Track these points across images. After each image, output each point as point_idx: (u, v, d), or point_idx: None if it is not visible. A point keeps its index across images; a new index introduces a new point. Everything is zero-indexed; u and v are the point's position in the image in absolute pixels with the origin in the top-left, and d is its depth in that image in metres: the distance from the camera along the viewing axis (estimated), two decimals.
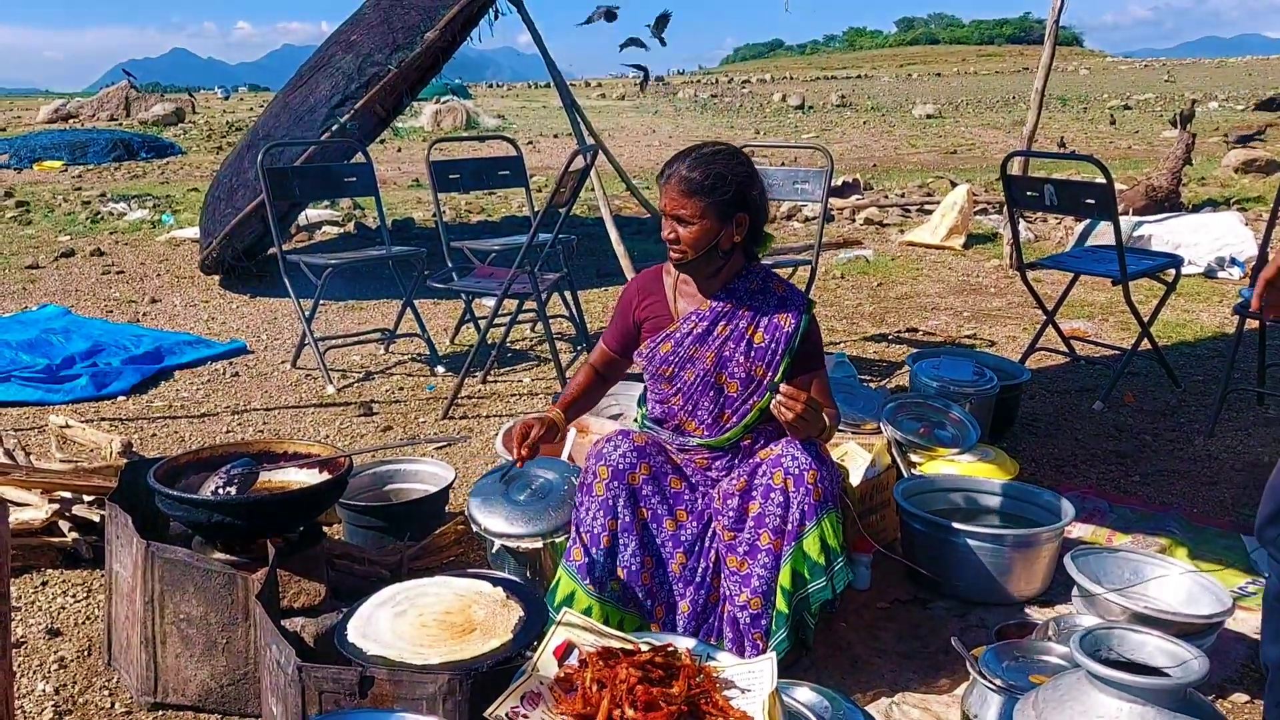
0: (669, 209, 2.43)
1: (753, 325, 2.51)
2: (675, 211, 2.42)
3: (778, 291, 2.57)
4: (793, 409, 2.25)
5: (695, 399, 2.53)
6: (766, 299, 2.55)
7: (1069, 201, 4.60)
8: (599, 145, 6.28)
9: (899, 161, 15.84)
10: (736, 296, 2.54)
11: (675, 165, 2.45)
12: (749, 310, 2.53)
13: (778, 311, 2.53)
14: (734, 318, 2.52)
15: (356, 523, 3.22)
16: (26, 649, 2.68)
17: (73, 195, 11.93)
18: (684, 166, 2.43)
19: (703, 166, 2.41)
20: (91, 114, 24.18)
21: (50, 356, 5.12)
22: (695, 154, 2.45)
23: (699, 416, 2.53)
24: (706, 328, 2.52)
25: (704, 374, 2.51)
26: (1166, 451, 4.04)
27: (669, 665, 1.86)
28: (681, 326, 2.54)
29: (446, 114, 22.87)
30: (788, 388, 2.28)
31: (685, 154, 2.47)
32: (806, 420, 2.27)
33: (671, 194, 2.42)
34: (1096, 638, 1.95)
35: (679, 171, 2.43)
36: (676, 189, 2.42)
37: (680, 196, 2.41)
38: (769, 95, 38.97)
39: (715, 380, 2.51)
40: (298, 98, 6.74)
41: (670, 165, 2.47)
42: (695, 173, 2.41)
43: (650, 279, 2.66)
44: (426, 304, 6.33)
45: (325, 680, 1.93)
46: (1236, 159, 12.27)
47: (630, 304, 2.65)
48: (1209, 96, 29.87)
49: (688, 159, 2.44)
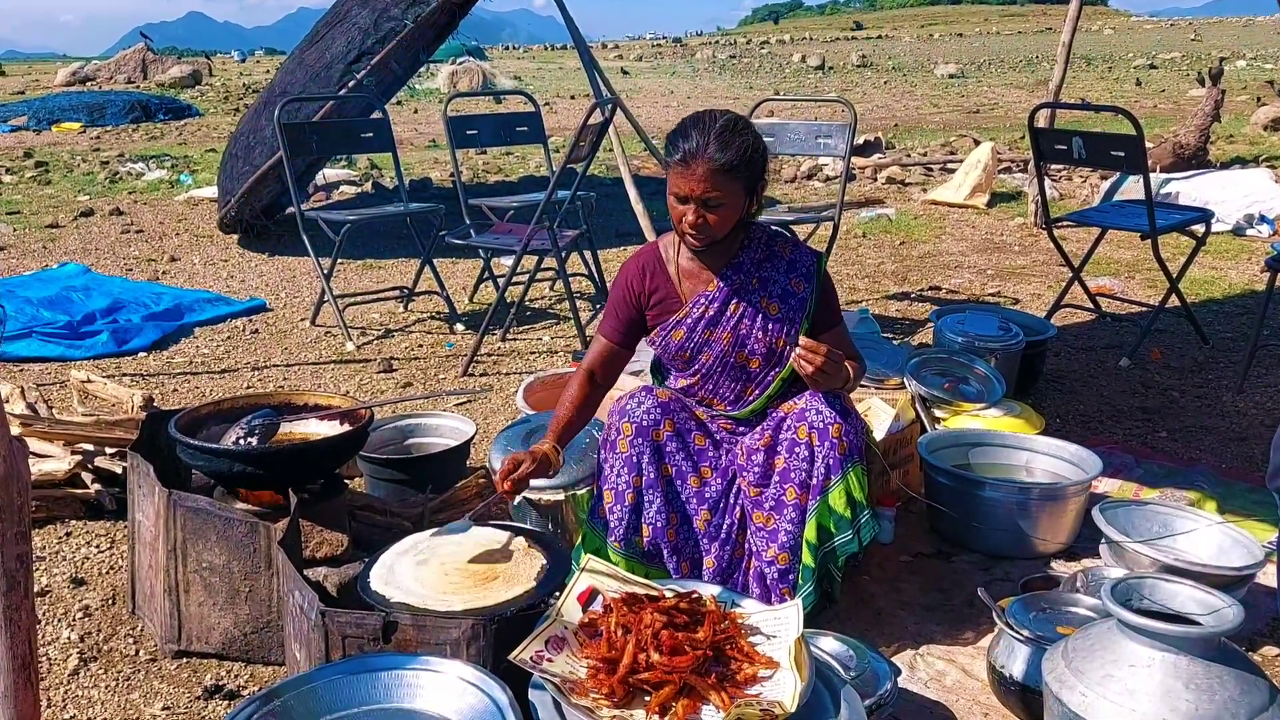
0: (695, 194, 2.23)
1: (765, 297, 2.40)
2: (705, 195, 2.23)
3: (784, 255, 2.44)
4: (813, 362, 2.21)
5: (716, 379, 2.47)
6: (775, 265, 2.43)
7: (1097, 154, 4.51)
8: (617, 101, 6.20)
9: (921, 121, 15.65)
10: (744, 270, 2.41)
11: (696, 144, 2.22)
12: (759, 282, 2.41)
13: (789, 277, 2.42)
14: (745, 293, 2.40)
15: (378, 475, 3.21)
16: (51, 598, 2.69)
17: (91, 156, 11.94)
18: (711, 146, 2.21)
19: (733, 143, 2.23)
20: (109, 77, 24.11)
21: (71, 313, 5.13)
22: (714, 130, 2.24)
23: (721, 394, 2.48)
24: (718, 309, 2.41)
25: (722, 355, 2.43)
26: (1194, 408, 3.99)
27: (694, 611, 1.84)
28: (692, 311, 2.42)
29: (463, 75, 22.70)
30: (806, 340, 2.23)
31: (699, 130, 2.24)
32: (828, 373, 2.23)
33: (698, 178, 2.22)
34: (1128, 587, 1.92)
35: (707, 153, 2.21)
36: (707, 171, 2.21)
37: (712, 178, 2.21)
38: (788, 56, 38.50)
39: (735, 359, 2.43)
40: (314, 54, 6.68)
41: (685, 144, 2.24)
42: (728, 152, 2.21)
43: (650, 260, 2.48)
44: (445, 263, 6.30)
45: (349, 625, 1.92)
46: (1265, 116, 12.05)
47: (631, 291, 2.47)
48: (1236, 55, 29.31)
49: (710, 136, 2.22)
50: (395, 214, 5.41)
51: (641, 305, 2.48)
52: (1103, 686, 1.81)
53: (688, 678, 1.70)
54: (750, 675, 1.76)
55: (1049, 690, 1.89)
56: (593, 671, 1.73)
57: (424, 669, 1.81)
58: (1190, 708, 1.73)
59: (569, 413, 2.43)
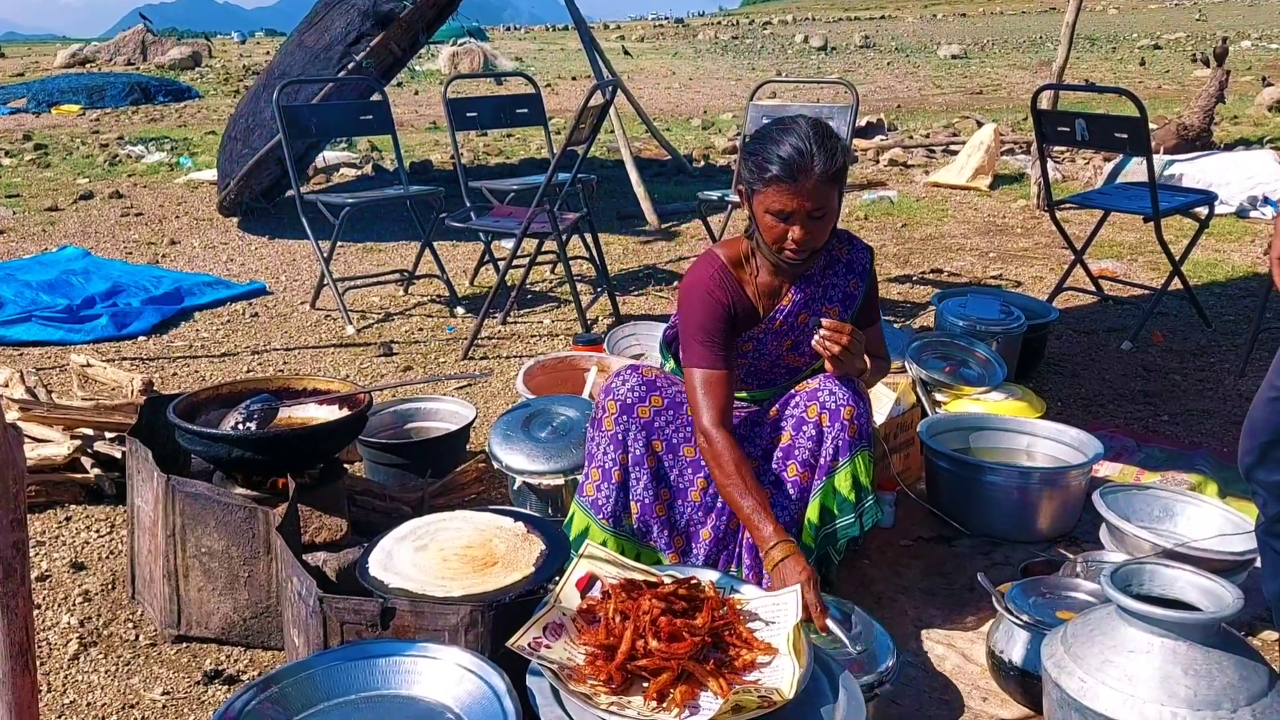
0: (805, 208, 2.13)
1: (827, 304, 2.38)
2: (816, 208, 2.14)
3: (842, 256, 2.40)
4: (838, 341, 2.19)
5: (760, 374, 2.46)
6: (836, 271, 2.39)
7: (1101, 136, 4.48)
8: (618, 83, 6.17)
9: (923, 102, 15.57)
10: (814, 281, 2.36)
11: (803, 155, 2.10)
12: (823, 290, 2.38)
13: (848, 279, 2.40)
14: (813, 302, 2.37)
15: (377, 460, 3.21)
16: (51, 582, 2.70)
17: (90, 138, 11.90)
18: (819, 155, 2.10)
19: (835, 148, 2.14)
20: (108, 58, 24.00)
21: (70, 297, 5.12)
22: (814, 138, 2.12)
23: (755, 383, 2.48)
24: (791, 321, 2.38)
25: (776, 357, 2.42)
26: (1196, 391, 3.98)
27: (692, 597, 1.84)
28: (768, 326, 2.36)
29: (463, 56, 22.61)
30: (830, 321, 2.21)
31: (798, 139, 2.12)
32: (852, 353, 2.22)
33: (810, 191, 2.11)
34: (1128, 572, 1.92)
35: (816, 163, 2.10)
36: (818, 184, 2.11)
37: (822, 188, 2.12)
38: (790, 37, 38.30)
39: (785, 361, 2.43)
40: (313, 35, 6.65)
41: (788, 156, 2.11)
42: (835, 159, 2.12)
43: (727, 279, 2.32)
44: (445, 246, 6.28)
45: (347, 611, 1.92)
46: (1270, 97, 11.99)
47: (722, 308, 2.29)
48: (1241, 35, 29.12)
49: (814, 145, 2.11)
50: (395, 197, 5.38)
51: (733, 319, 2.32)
52: (1102, 672, 1.81)
53: (686, 664, 1.70)
54: (749, 662, 1.75)
55: (1048, 675, 1.89)
56: (590, 658, 1.73)
57: (422, 655, 1.81)
58: (1189, 693, 1.73)
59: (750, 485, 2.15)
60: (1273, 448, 1.86)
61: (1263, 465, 1.89)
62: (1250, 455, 1.91)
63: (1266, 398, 1.88)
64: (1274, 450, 1.86)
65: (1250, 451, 1.91)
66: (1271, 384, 1.87)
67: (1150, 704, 1.73)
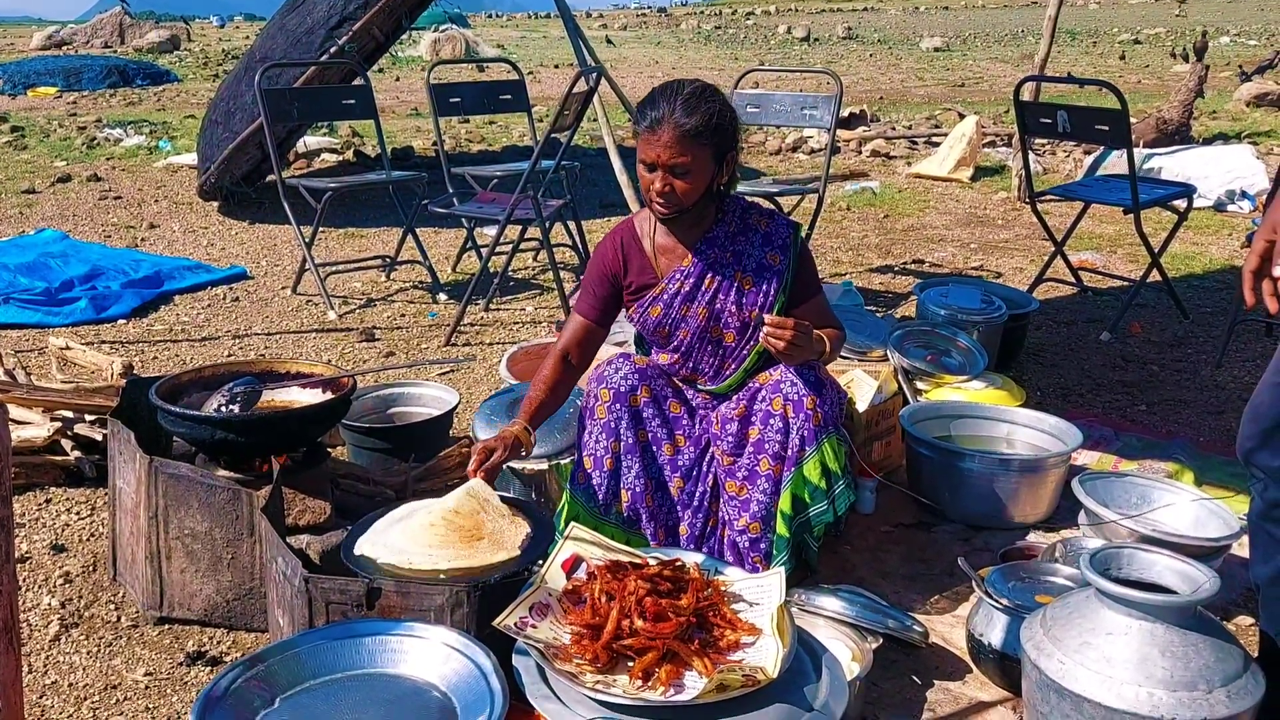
0: (662, 160, 2.22)
1: (740, 270, 2.40)
2: (671, 162, 2.22)
3: (760, 228, 2.43)
4: (782, 337, 2.19)
5: (694, 355, 2.47)
6: (750, 239, 2.42)
7: (1082, 128, 4.52)
8: (602, 71, 6.16)
9: (906, 94, 15.61)
10: (718, 244, 2.40)
11: (662, 111, 2.22)
12: (733, 256, 2.40)
13: (764, 250, 2.41)
14: (719, 267, 2.39)
15: (361, 444, 3.21)
16: (32, 564, 2.68)
17: (68, 121, 11.77)
18: (677, 112, 2.21)
19: (699, 108, 2.22)
20: (85, 40, 23.75)
21: (49, 280, 5.07)
22: (680, 96, 2.23)
23: (700, 369, 2.49)
24: (694, 285, 2.40)
25: (699, 330, 2.42)
26: (1174, 381, 4.02)
27: (677, 579, 1.85)
28: (668, 287, 2.41)
29: (445, 43, 22.45)
30: (771, 318, 2.22)
31: (666, 97, 2.25)
32: (799, 345, 2.22)
33: (665, 144, 2.21)
34: (1106, 556, 1.94)
35: (673, 118, 2.21)
36: (673, 138, 2.20)
37: (677, 144, 2.21)
38: (774, 27, 38.27)
39: (711, 334, 2.43)
40: (295, 19, 6.59)
41: (653, 111, 2.24)
42: (694, 117, 2.21)
43: (626, 237, 2.47)
44: (428, 232, 6.26)
45: (332, 591, 1.93)
46: (1248, 92, 12.08)
47: (607, 267, 2.46)
48: (1221, 31, 29.33)
49: (676, 102, 2.22)
50: (377, 182, 5.36)
51: (619, 282, 2.47)
52: (1080, 654, 1.83)
53: (671, 644, 1.71)
54: (733, 642, 1.77)
55: (1027, 658, 1.91)
56: (576, 638, 1.74)
57: (408, 634, 1.82)
58: (1166, 675, 1.75)
59: (542, 393, 2.41)
60: (1278, 432, 1.84)
61: (1264, 449, 1.87)
62: (1252, 440, 1.89)
63: (1272, 382, 1.86)
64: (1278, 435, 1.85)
65: (1252, 436, 1.89)
66: (1278, 369, 1.85)
67: (1128, 685, 1.76)
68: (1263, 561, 1.95)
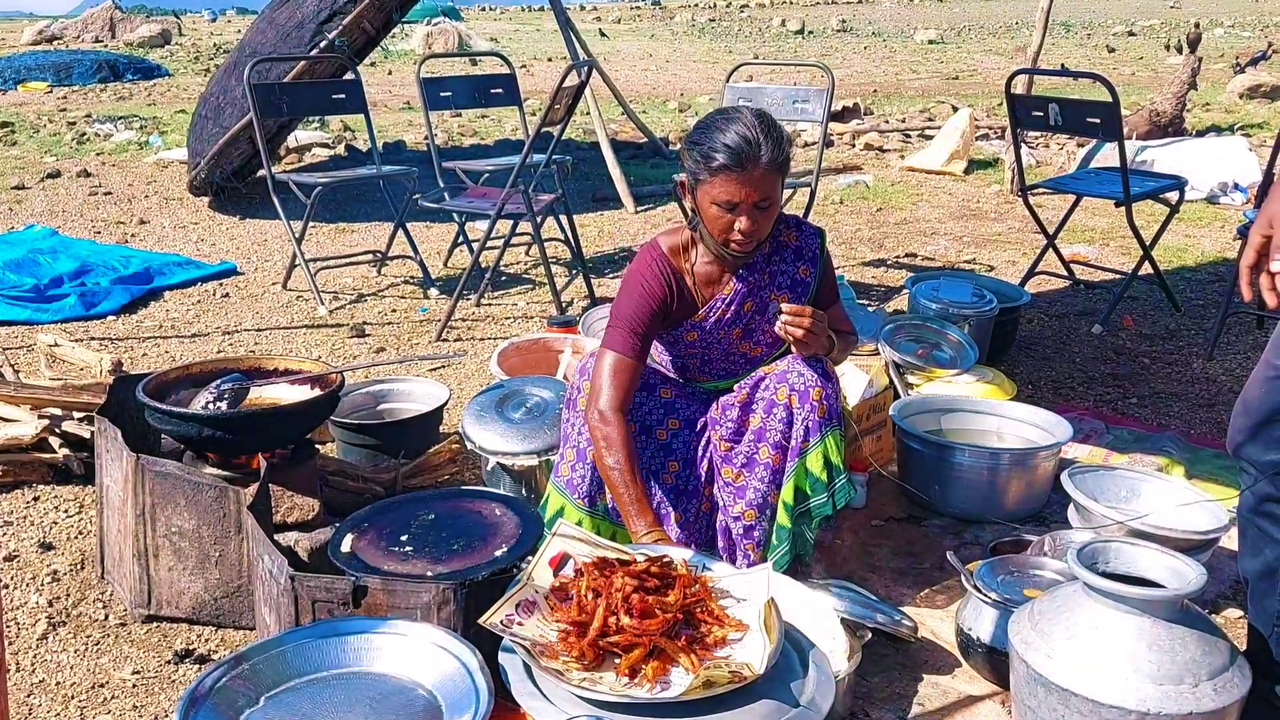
0: (754, 199, 2.12)
1: (775, 290, 2.36)
2: (764, 198, 2.13)
3: (790, 242, 2.39)
4: (800, 324, 2.19)
5: (714, 363, 2.45)
6: (783, 256, 2.38)
7: (1074, 121, 4.51)
8: (594, 64, 6.14)
9: (900, 87, 15.59)
10: (758, 269, 2.35)
11: (750, 145, 2.10)
12: (769, 277, 2.36)
13: (796, 266, 2.38)
14: (758, 290, 2.35)
15: (350, 441, 3.20)
16: (19, 562, 2.67)
17: (58, 116, 11.72)
18: (765, 145, 2.10)
19: (779, 138, 2.13)
20: (76, 35, 23.64)
21: (38, 276, 5.05)
22: (759, 128, 2.12)
23: (712, 372, 2.48)
24: (735, 311, 2.36)
25: (729, 348, 2.41)
26: (1165, 374, 4.03)
27: (664, 575, 1.85)
28: (709, 316, 2.35)
29: (437, 36, 22.40)
30: (790, 305, 2.22)
31: (743, 128, 2.12)
32: (815, 334, 2.22)
33: (756, 182, 2.11)
34: (1094, 550, 1.94)
35: (768, 154, 2.10)
36: (764, 174, 2.11)
37: (768, 178, 2.12)
38: (768, 20, 38.21)
39: (739, 350, 2.42)
40: (285, 13, 6.56)
41: (734, 145, 2.10)
42: (781, 148, 2.12)
43: (667, 268, 2.32)
44: (419, 227, 6.23)
45: (318, 590, 1.92)
46: (1242, 84, 12.09)
47: (657, 302, 2.30)
48: (1215, 23, 29.34)
49: (760, 134, 2.11)
50: (368, 177, 5.34)
51: (668, 313, 2.35)
52: (1067, 648, 1.83)
53: (658, 640, 1.71)
54: (720, 638, 1.76)
55: (1015, 652, 1.91)
56: (563, 635, 1.74)
57: (394, 633, 1.81)
58: (1153, 668, 1.75)
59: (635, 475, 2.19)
60: (1269, 426, 1.84)
61: (1254, 442, 1.86)
62: (1242, 433, 1.88)
63: (1264, 376, 1.85)
64: (1269, 429, 1.84)
65: (1243, 430, 1.88)
66: (1269, 362, 1.83)
67: (1114, 679, 1.76)
68: (1252, 555, 1.95)
